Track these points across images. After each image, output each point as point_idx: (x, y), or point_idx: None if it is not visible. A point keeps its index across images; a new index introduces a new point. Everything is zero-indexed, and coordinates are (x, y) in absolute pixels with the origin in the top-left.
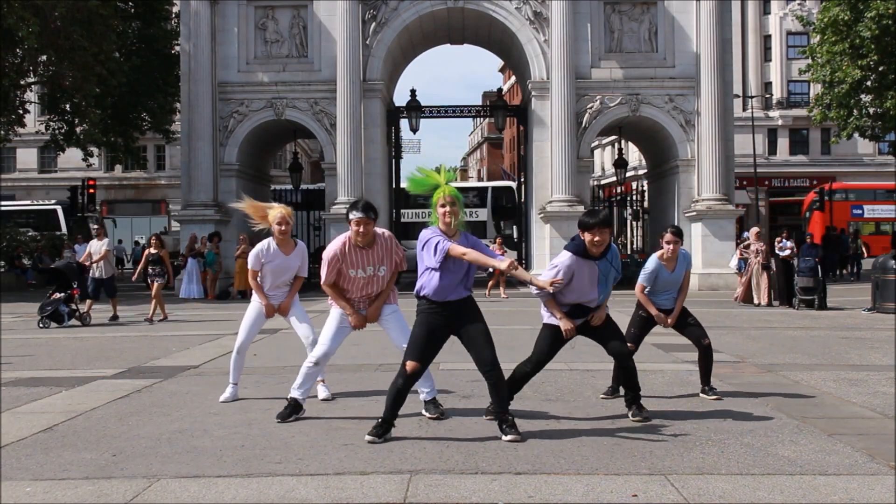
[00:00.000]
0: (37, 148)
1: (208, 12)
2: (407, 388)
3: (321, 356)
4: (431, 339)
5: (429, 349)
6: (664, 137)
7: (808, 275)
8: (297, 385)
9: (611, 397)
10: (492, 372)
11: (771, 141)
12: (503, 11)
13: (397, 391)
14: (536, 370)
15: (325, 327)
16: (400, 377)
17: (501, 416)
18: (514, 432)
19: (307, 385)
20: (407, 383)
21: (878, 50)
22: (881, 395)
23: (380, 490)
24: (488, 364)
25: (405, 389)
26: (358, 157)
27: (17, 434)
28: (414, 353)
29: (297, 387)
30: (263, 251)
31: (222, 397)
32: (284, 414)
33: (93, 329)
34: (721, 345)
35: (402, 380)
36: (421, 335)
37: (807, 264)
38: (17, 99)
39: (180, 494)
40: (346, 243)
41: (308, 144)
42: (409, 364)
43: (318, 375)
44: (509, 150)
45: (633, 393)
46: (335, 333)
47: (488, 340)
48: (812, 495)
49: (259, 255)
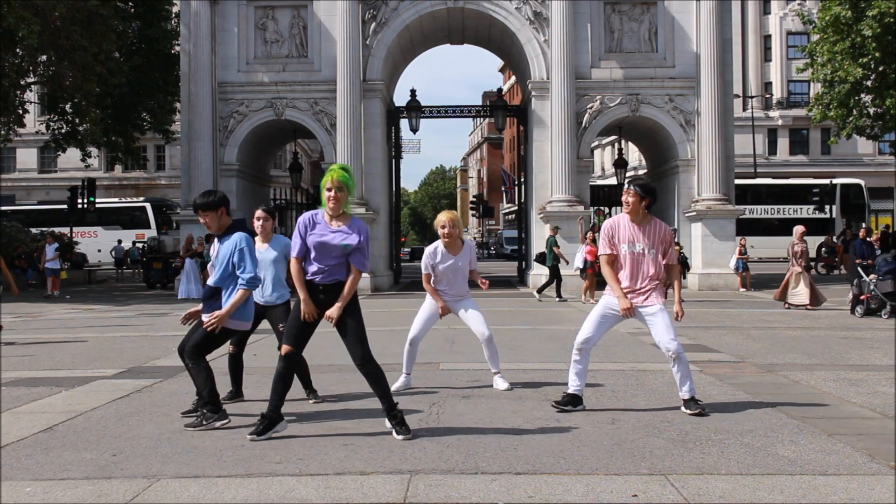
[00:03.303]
0: (37, 148)
1: (208, 12)
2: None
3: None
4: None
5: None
6: (664, 137)
7: (888, 278)
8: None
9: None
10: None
11: (771, 141)
12: (503, 11)
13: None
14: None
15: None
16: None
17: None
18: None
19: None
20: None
21: (879, 49)
22: (881, 395)
23: (380, 490)
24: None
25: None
26: (358, 157)
27: (17, 434)
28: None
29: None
30: (432, 254)
31: (395, 386)
32: (561, 402)
33: (93, 329)
34: (721, 345)
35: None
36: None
37: (889, 266)
38: (17, 99)
39: (180, 494)
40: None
41: (308, 144)
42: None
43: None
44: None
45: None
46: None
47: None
48: (812, 495)
49: (429, 257)
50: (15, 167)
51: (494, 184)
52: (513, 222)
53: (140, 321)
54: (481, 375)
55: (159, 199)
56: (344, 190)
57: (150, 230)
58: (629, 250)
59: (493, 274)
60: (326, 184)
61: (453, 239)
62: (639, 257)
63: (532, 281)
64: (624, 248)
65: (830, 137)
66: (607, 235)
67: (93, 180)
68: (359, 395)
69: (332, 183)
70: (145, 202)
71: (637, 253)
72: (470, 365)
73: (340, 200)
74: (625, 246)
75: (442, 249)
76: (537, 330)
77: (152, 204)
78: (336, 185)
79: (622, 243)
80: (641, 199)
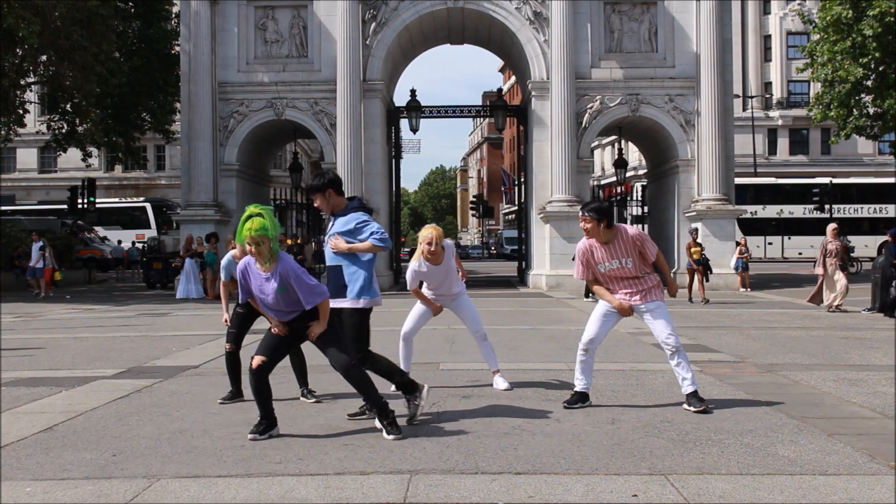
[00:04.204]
0: (37, 148)
1: (208, 12)
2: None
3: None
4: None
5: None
6: (664, 137)
7: None
8: (575, 376)
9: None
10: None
11: (771, 141)
12: (503, 11)
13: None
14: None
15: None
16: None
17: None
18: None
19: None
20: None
21: (879, 48)
22: (881, 395)
23: (380, 490)
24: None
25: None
26: (358, 157)
27: (17, 434)
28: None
29: (576, 377)
30: (416, 272)
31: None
32: (571, 400)
33: (93, 329)
34: (721, 345)
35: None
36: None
37: None
38: (17, 99)
39: (180, 494)
40: (586, 243)
41: (308, 144)
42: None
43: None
44: (509, 150)
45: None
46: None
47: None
48: (812, 495)
49: (415, 275)
50: (15, 167)
51: (494, 184)
52: (513, 222)
53: (140, 321)
54: (481, 375)
55: (159, 199)
56: (263, 242)
57: (150, 230)
58: (609, 268)
59: (493, 274)
60: (245, 239)
61: (436, 255)
62: (620, 270)
63: (532, 281)
64: (603, 266)
65: (830, 137)
66: (582, 260)
67: (93, 180)
68: (358, 395)
69: (250, 240)
70: (145, 202)
71: (617, 268)
72: (470, 365)
73: (263, 254)
74: (603, 265)
75: (425, 264)
76: (537, 330)
77: (152, 204)
78: (254, 241)
79: (599, 264)
80: (599, 222)
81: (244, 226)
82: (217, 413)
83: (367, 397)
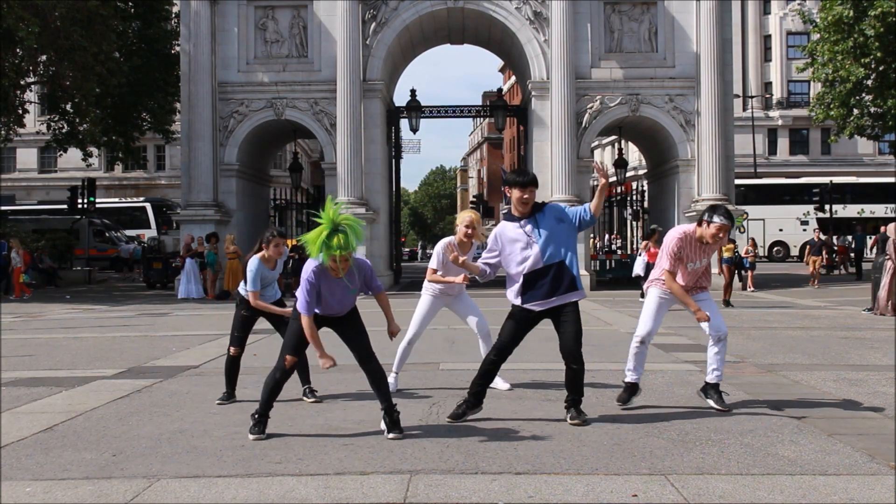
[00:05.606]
0: (37, 148)
1: (208, 12)
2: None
3: (645, 335)
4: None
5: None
6: (664, 137)
7: None
8: (627, 367)
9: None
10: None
11: (771, 141)
12: (503, 11)
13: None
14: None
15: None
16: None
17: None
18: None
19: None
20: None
21: (881, 48)
22: (881, 395)
23: (380, 490)
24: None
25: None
26: (358, 157)
27: (17, 434)
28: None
29: (628, 369)
30: (445, 250)
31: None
32: (624, 398)
33: (93, 329)
34: None
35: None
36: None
37: None
38: (17, 99)
39: (180, 494)
40: (687, 237)
41: (308, 144)
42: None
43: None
44: (509, 150)
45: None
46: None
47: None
48: (812, 495)
49: (441, 255)
50: (15, 167)
51: (494, 184)
52: None
53: (140, 321)
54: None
55: (159, 199)
56: (350, 257)
57: (150, 230)
58: (694, 267)
59: None
60: (330, 258)
61: (469, 241)
62: (699, 269)
63: None
64: (693, 265)
65: (830, 137)
66: (677, 252)
67: (93, 180)
68: (358, 395)
69: (340, 258)
70: (145, 202)
71: (699, 267)
72: (470, 365)
73: (347, 267)
74: (693, 263)
75: (455, 246)
76: (537, 330)
77: (152, 204)
78: (343, 258)
79: (690, 262)
80: (729, 231)
81: (324, 238)
82: (217, 413)
83: (381, 396)
